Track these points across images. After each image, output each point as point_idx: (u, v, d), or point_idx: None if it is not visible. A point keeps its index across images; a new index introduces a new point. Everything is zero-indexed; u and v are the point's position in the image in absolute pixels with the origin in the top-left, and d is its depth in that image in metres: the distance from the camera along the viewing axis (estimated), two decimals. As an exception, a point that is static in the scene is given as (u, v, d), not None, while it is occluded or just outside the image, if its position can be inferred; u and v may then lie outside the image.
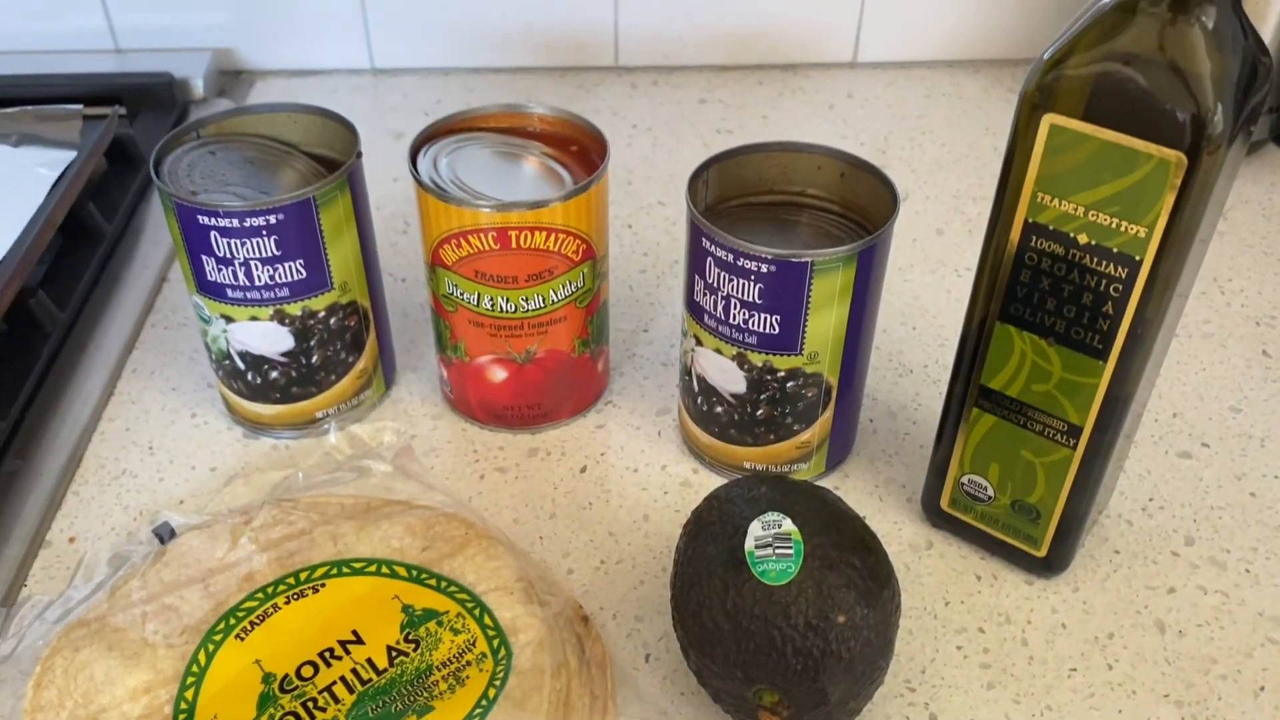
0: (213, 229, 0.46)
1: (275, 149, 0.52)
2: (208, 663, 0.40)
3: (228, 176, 0.49)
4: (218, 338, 0.50)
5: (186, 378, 0.57)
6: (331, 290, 0.49)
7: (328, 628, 0.41)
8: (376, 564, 0.43)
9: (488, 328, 0.50)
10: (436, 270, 0.49)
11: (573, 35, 0.83)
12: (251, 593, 0.42)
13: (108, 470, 0.52)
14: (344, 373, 0.52)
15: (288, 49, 0.83)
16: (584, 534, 0.49)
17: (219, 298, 0.48)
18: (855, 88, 0.84)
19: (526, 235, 0.47)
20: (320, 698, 0.38)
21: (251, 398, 0.52)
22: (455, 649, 0.40)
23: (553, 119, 0.51)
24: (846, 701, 0.38)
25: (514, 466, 0.52)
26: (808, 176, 0.50)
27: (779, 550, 0.38)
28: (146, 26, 0.82)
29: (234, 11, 0.81)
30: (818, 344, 0.46)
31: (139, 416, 0.54)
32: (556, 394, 0.53)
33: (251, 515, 0.45)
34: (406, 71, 0.84)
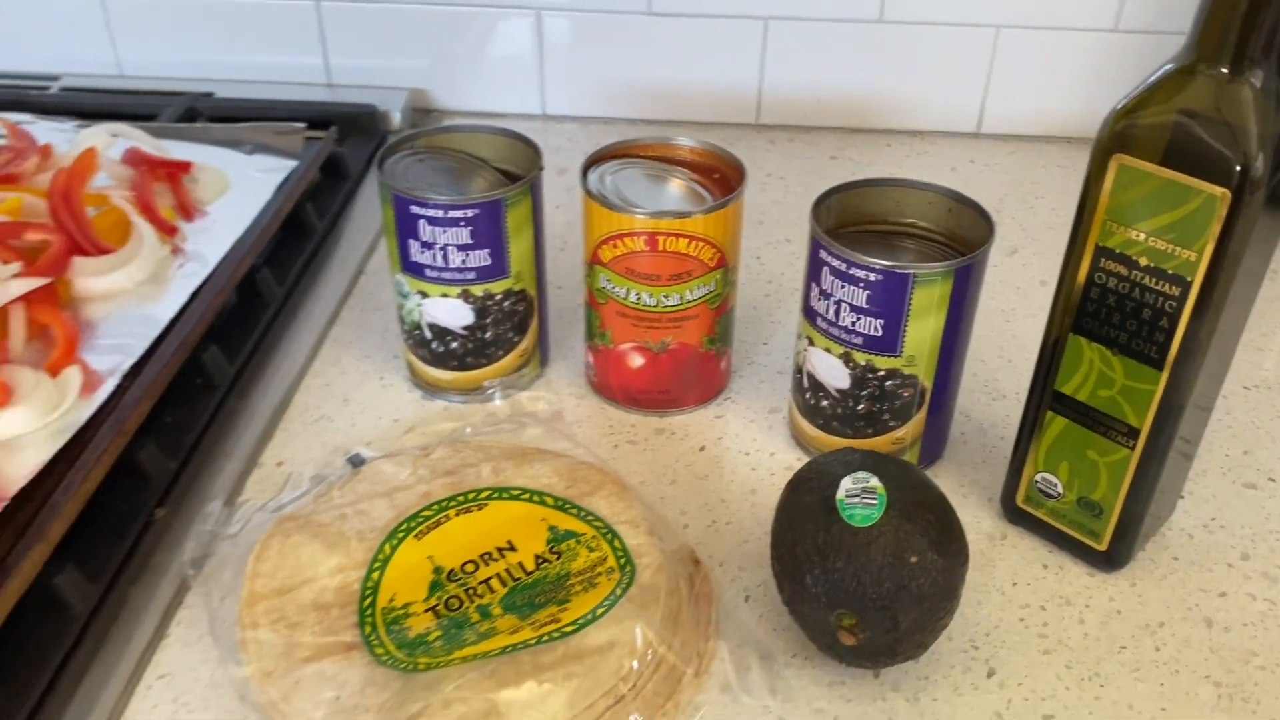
0: (422, 217, 0.56)
1: (470, 161, 0.63)
2: (391, 554, 0.49)
3: (432, 180, 0.60)
4: (412, 310, 0.60)
5: (376, 349, 0.67)
6: (508, 278, 0.59)
7: (487, 537, 0.50)
8: (529, 493, 0.52)
9: (631, 319, 0.59)
10: (594, 268, 0.59)
11: (720, 93, 0.94)
12: (427, 506, 0.51)
13: (310, 414, 0.62)
14: (509, 350, 0.62)
15: (472, 93, 0.96)
16: (699, 499, 0.57)
17: (418, 276, 0.59)
18: (977, 155, 0.91)
19: (671, 240, 0.56)
20: (479, 587, 0.47)
21: (432, 364, 0.62)
22: (589, 562, 0.48)
23: (699, 149, 0.61)
24: (914, 633, 0.44)
25: (643, 440, 0.61)
26: (918, 210, 0.57)
27: (865, 500, 0.45)
28: (355, 68, 0.95)
29: (430, 59, 0.94)
30: (915, 348, 0.53)
31: (337, 376, 0.65)
32: (684, 383, 0.61)
33: (430, 451, 0.55)
34: (571, 118, 0.96)
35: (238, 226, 0.71)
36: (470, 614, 0.46)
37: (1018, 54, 0.89)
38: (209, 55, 0.95)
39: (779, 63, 0.92)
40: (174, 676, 0.47)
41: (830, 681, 0.47)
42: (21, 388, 0.55)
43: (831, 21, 0.89)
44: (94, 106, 0.87)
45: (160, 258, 0.67)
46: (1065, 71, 0.90)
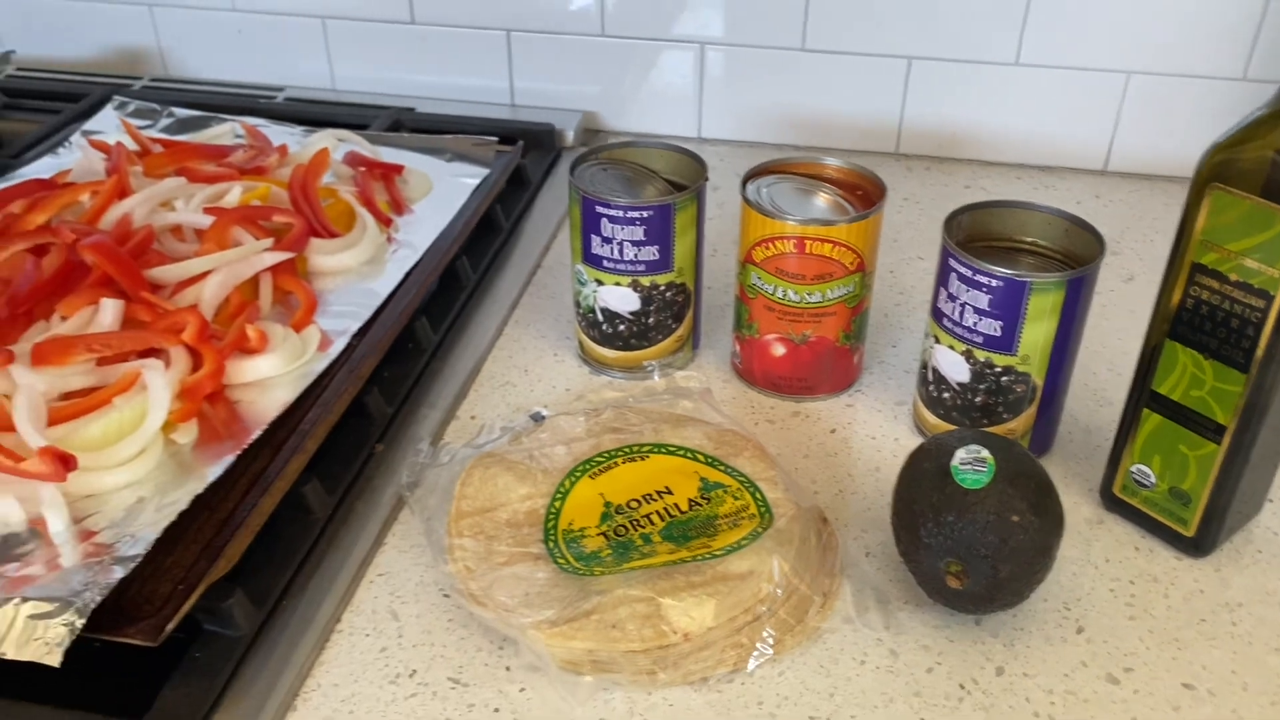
0: (604, 216, 0.67)
1: (644, 172, 0.73)
2: (570, 488, 0.59)
3: (613, 185, 0.71)
4: (588, 296, 0.71)
5: (551, 330, 0.78)
6: (672, 272, 0.69)
7: (648, 481, 0.59)
8: (684, 450, 0.61)
9: (777, 312, 0.68)
10: (747, 266, 0.68)
11: (863, 123, 1.02)
12: (599, 454, 0.61)
13: (496, 380, 0.73)
14: (668, 335, 0.72)
15: (636, 116, 1.07)
16: (828, 471, 0.65)
17: (597, 266, 0.69)
18: (1102, 190, 0.97)
19: (818, 244, 0.65)
20: (641, 520, 0.57)
21: (601, 343, 0.72)
22: (734, 508, 0.57)
23: (845, 169, 0.70)
24: (1011, 581, 0.52)
25: (780, 421, 0.69)
26: (1038, 230, 0.65)
27: (976, 468, 0.53)
28: (534, 90, 1.07)
29: (600, 86, 1.05)
30: (1029, 349, 0.61)
31: (519, 350, 0.76)
32: (820, 373, 0.70)
33: (600, 412, 0.65)
34: (723, 141, 1.05)
35: (440, 222, 0.83)
36: (635, 540, 0.56)
37: (1147, 99, 0.95)
38: (410, 74, 1.09)
39: (919, 98, 1.00)
40: (390, 575, 0.58)
41: (936, 624, 0.55)
42: (274, 339, 0.67)
43: (970, 63, 0.97)
44: (315, 114, 1.01)
45: (379, 243, 0.79)
46: (1191, 116, 0.95)
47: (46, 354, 0.62)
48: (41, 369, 0.62)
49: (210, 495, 0.57)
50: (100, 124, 0.96)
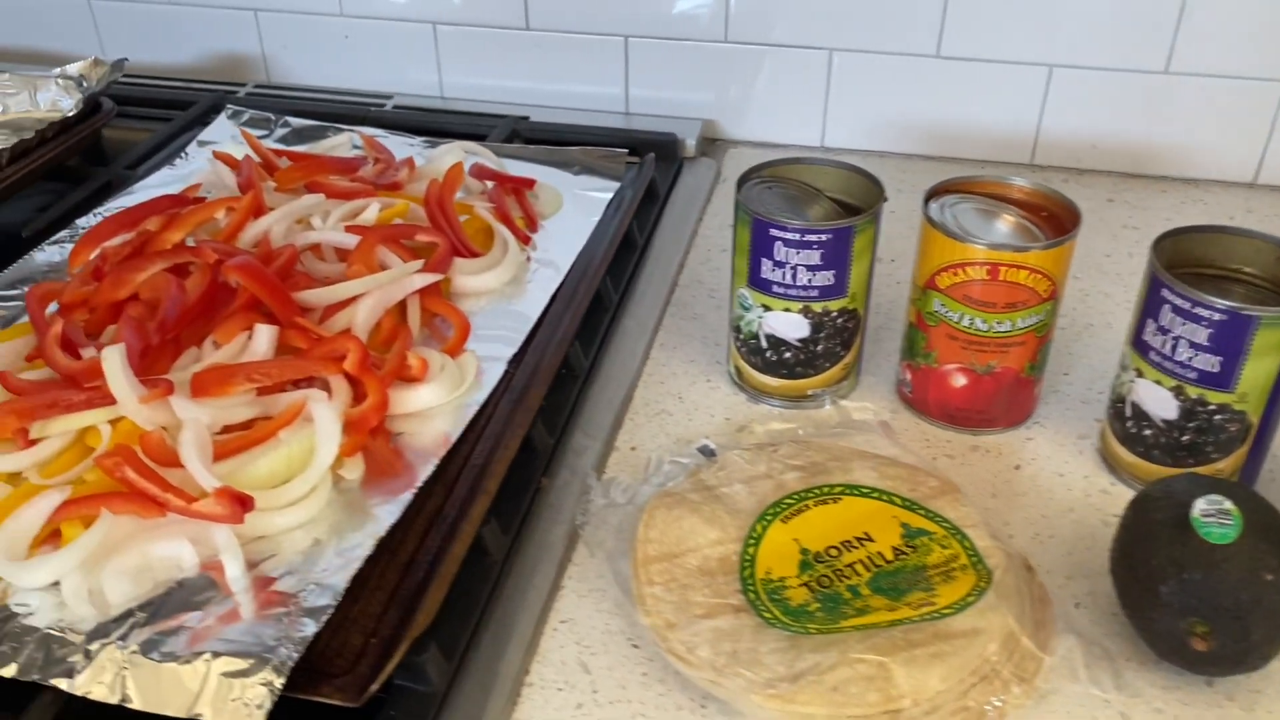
0: (779, 239, 0.63)
1: (808, 190, 0.69)
2: (762, 533, 0.56)
3: (777, 205, 0.67)
4: (752, 321, 0.67)
5: (700, 354, 0.75)
6: (845, 297, 0.65)
7: (845, 527, 0.56)
8: (878, 492, 0.58)
9: (961, 341, 0.64)
10: (928, 292, 0.64)
11: (996, 133, 0.98)
12: (785, 495, 0.58)
13: (651, 408, 0.70)
14: (835, 362, 0.68)
15: (755, 124, 1.03)
16: (1020, 513, 0.61)
17: (765, 291, 0.66)
18: (1254, 205, 0.93)
19: (1011, 271, 0.61)
20: (844, 570, 0.53)
21: (764, 371, 0.69)
22: (943, 558, 0.54)
23: (1032, 190, 0.66)
24: (1262, 645, 0.48)
25: (959, 456, 0.66)
26: (1246, 256, 0.61)
27: (1221, 521, 0.49)
28: (649, 98, 1.04)
29: (719, 93, 1.02)
30: (1249, 386, 0.57)
31: (669, 376, 0.73)
32: (1000, 405, 0.66)
33: (777, 447, 0.62)
34: (849, 151, 1.02)
35: (577, 239, 0.80)
36: (841, 592, 0.52)
37: (1309, 107, 0.91)
38: (520, 82, 1.06)
39: (1059, 107, 0.95)
40: (574, 623, 0.55)
41: (1166, 685, 0.51)
42: (432, 367, 0.64)
43: (1117, 71, 0.92)
44: (429, 124, 0.98)
45: (520, 263, 0.76)
46: (1359, 127, 0.91)
47: (207, 384, 0.59)
48: (202, 400, 0.59)
49: (388, 537, 0.54)
50: (215, 134, 0.94)
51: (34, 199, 0.89)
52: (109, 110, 0.94)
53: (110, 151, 0.96)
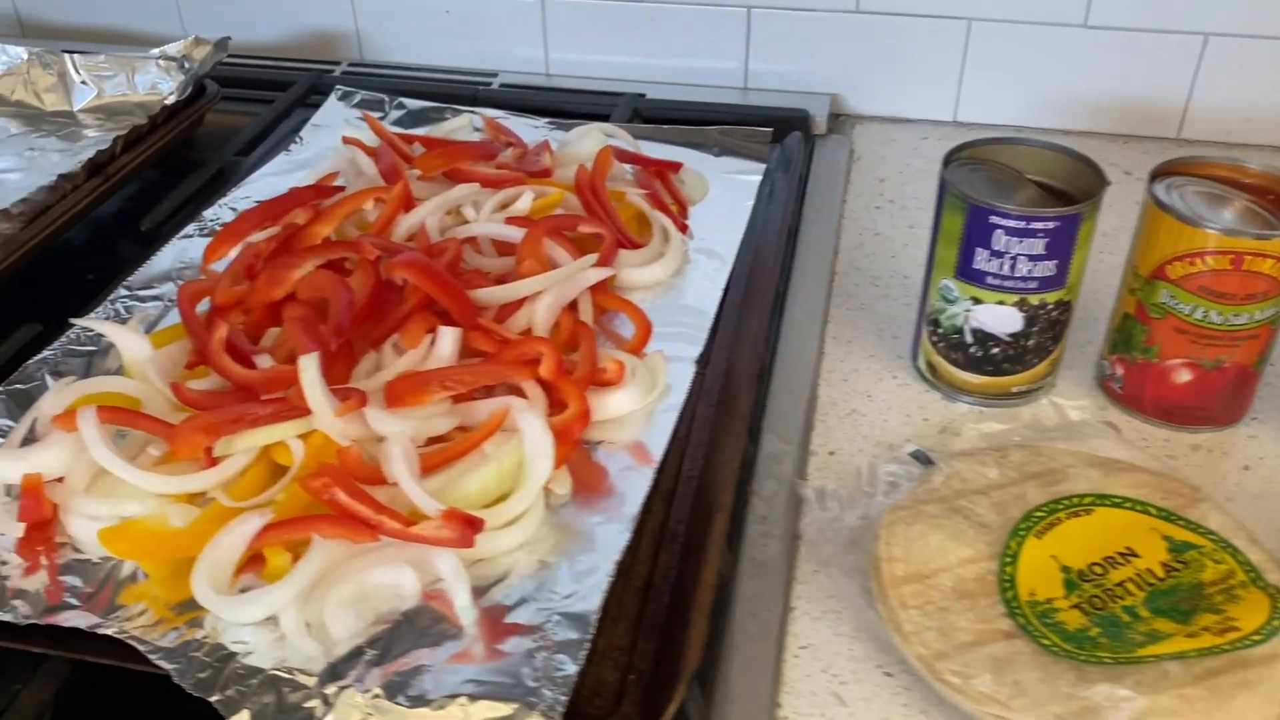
0: (1000, 227, 0.59)
1: (1009, 173, 0.65)
2: (1017, 551, 0.52)
3: (980, 189, 0.63)
4: (956, 315, 0.63)
5: (878, 348, 0.70)
6: (1063, 289, 0.61)
7: (1104, 541, 0.52)
8: (1131, 502, 0.54)
9: (1190, 335, 0.60)
10: (1154, 282, 0.60)
11: (1141, 107, 0.93)
12: (1034, 508, 0.54)
13: (839, 408, 0.66)
14: (1044, 358, 0.64)
15: (883, 98, 0.98)
16: (1264, 517, 0.57)
17: (976, 283, 0.61)
18: None
19: (1256, 260, 0.57)
20: (1116, 589, 0.49)
21: (965, 367, 0.64)
22: (1218, 575, 0.50)
23: (1265, 173, 0.61)
24: None
25: (1181, 456, 0.62)
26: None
27: None
28: (771, 73, 0.99)
29: (846, 67, 0.97)
30: None
31: (851, 373, 0.69)
32: (1224, 401, 0.62)
33: (1005, 453, 0.58)
34: (982, 126, 0.97)
35: (734, 225, 0.75)
36: (1118, 614, 0.48)
37: None
38: (631, 57, 1.00)
39: (1212, 78, 0.91)
40: (815, 648, 0.51)
41: None
42: (626, 370, 0.60)
43: (1279, 38, 0.88)
44: (545, 103, 0.94)
45: (683, 253, 0.72)
46: None
47: (401, 393, 0.55)
48: (397, 411, 0.55)
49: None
50: (327, 117, 0.89)
51: (142, 188, 0.84)
52: (214, 93, 0.89)
53: (212, 137, 0.91)
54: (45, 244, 0.72)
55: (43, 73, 0.93)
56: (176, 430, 0.52)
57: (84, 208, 0.75)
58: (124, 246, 0.79)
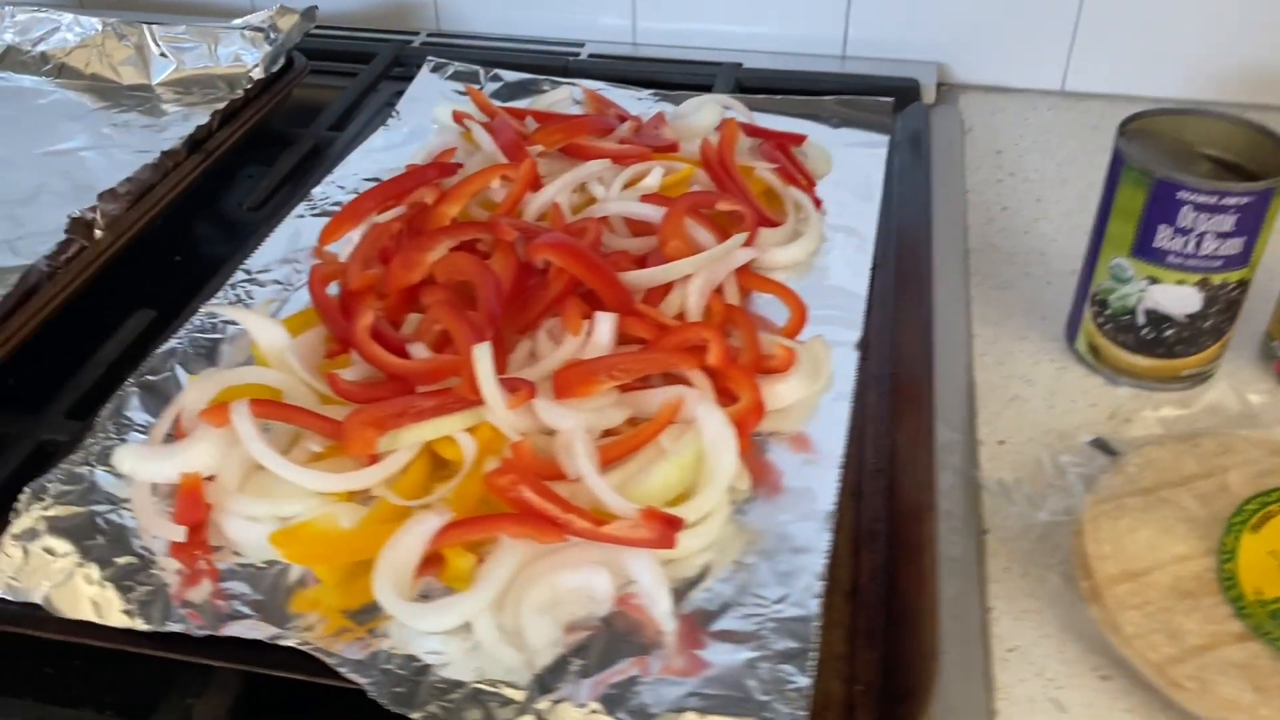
0: (1188, 203, 0.56)
1: (1179, 145, 0.61)
2: (1234, 546, 0.49)
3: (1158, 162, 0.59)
4: (1128, 295, 0.60)
5: (1029, 329, 0.67)
6: (1246, 267, 0.58)
7: (1327, 535, 0.49)
8: (1344, 495, 0.51)
9: (1382, 315, 0.57)
10: (1346, 261, 0.57)
11: (1265, 72, 0.90)
12: (1245, 501, 0.51)
13: (999, 394, 0.63)
14: (1217, 339, 0.61)
15: (986, 67, 0.95)
16: None
17: (1155, 261, 0.58)
18: None
19: None
20: (1348, 588, 0.47)
21: (1134, 349, 0.61)
22: None
23: None
24: None
25: (1367, 441, 0.59)
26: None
27: None
28: (869, 40, 0.95)
29: (949, 32, 0.93)
30: None
31: (1006, 356, 0.65)
32: None
33: (1196, 441, 0.55)
34: (1092, 96, 0.93)
35: (867, 201, 0.72)
36: (1357, 614, 0.46)
37: None
38: (722, 25, 0.97)
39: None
40: (1022, 651, 0.49)
41: None
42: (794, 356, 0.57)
43: None
44: (642, 73, 0.90)
45: (821, 231, 0.69)
46: None
47: (570, 384, 0.52)
48: (567, 403, 0.52)
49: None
50: (422, 90, 0.85)
51: (234, 166, 0.80)
52: (302, 66, 0.85)
53: (298, 111, 0.87)
54: (151, 225, 0.68)
55: (118, 44, 0.89)
56: (345, 427, 0.49)
57: (186, 186, 0.71)
58: (226, 226, 0.75)
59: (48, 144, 0.81)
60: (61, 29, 0.90)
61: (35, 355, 0.61)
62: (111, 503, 0.50)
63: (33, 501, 0.49)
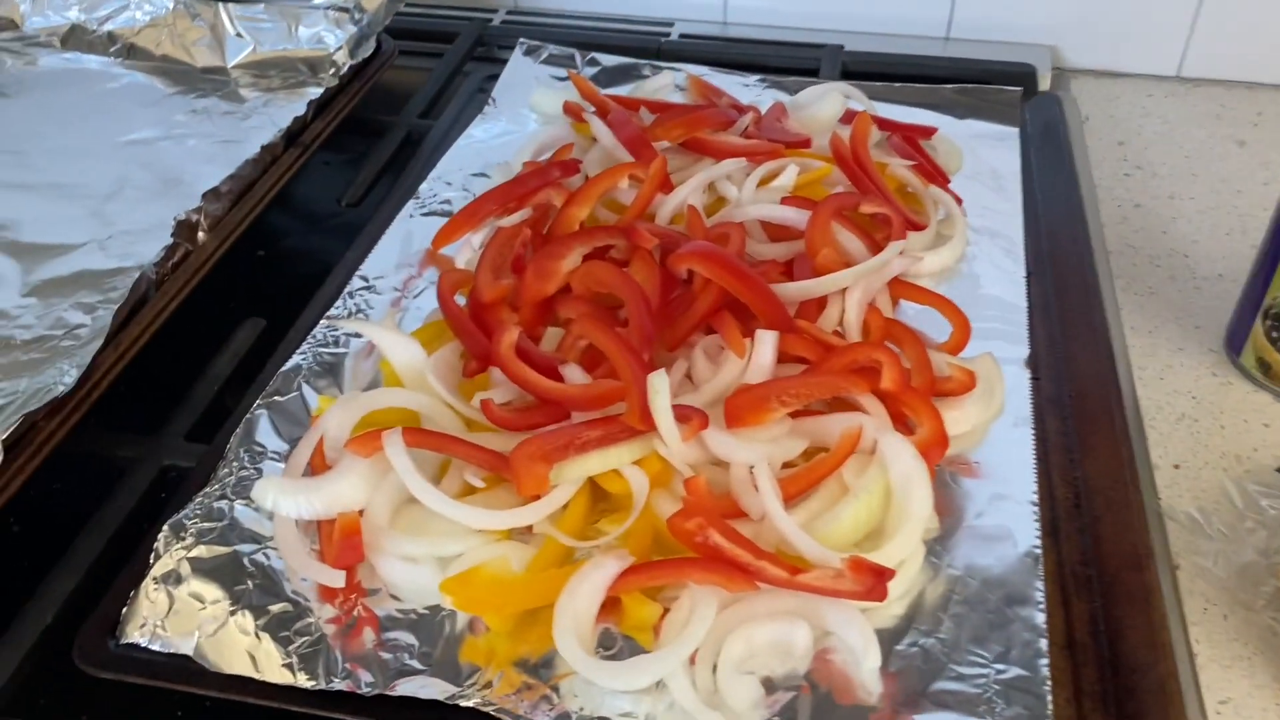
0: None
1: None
2: None
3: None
4: (1315, 310, 0.56)
5: (1186, 341, 0.63)
6: None
7: None
8: None
9: None
10: None
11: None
12: None
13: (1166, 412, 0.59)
14: (1404, 357, 0.57)
15: (1100, 51, 0.90)
16: None
17: (1349, 276, 0.55)
18: None
19: None
20: None
21: (1315, 367, 0.58)
22: None
23: None
24: None
25: None
26: None
27: None
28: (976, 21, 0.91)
29: (1059, 16, 0.89)
30: None
31: (1165, 371, 0.61)
32: None
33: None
34: (1210, 82, 0.89)
35: (1007, 200, 0.68)
36: None
37: None
38: (814, 4, 0.92)
39: None
40: (1236, 704, 0.45)
41: None
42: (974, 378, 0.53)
43: None
44: (737, 57, 0.85)
45: (966, 234, 0.65)
46: None
47: (742, 411, 0.48)
48: (739, 432, 0.48)
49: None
50: (515, 75, 0.81)
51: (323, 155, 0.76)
52: (390, 50, 0.80)
53: (382, 96, 0.83)
54: (254, 224, 0.64)
55: (190, 24, 0.84)
56: (514, 462, 0.45)
57: (284, 182, 0.67)
58: (323, 223, 0.71)
59: (124, 132, 0.77)
60: (130, 6, 0.85)
61: (143, 368, 0.57)
62: (255, 541, 0.46)
63: (172, 540, 0.46)
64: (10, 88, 0.82)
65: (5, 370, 0.56)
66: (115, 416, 0.55)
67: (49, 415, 0.50)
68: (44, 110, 0.80)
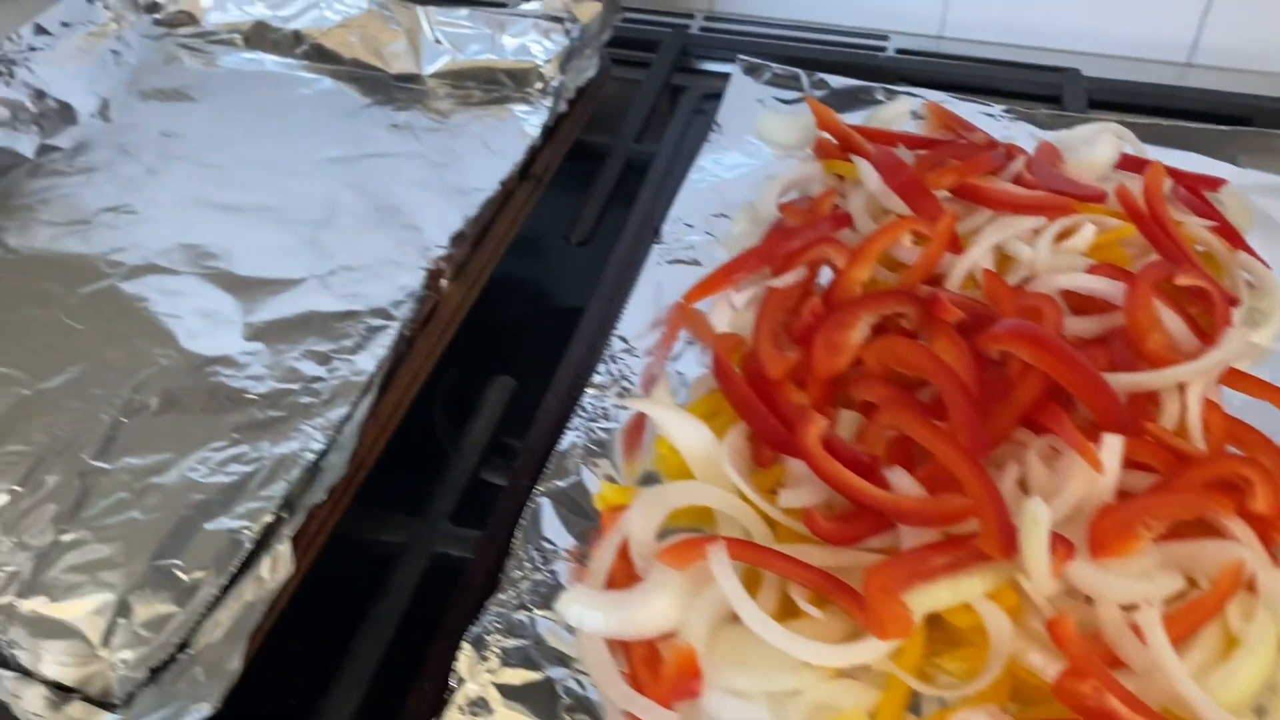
0: None
1: None
2: None
3: None
4: None
5: None
6: None
7: None
8: None
9: None
10: None
11: None
12: None
13: None
14: None
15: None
16: None
17: None
18: None
19: None
20: None
21: None
22: None
23: None
24: None
25: None
26: None
27: None
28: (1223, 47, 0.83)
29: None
30: None
31: None
32: None
33: None
34: None
35: None
36: None
37: None
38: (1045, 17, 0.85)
39: None
40: None
41: None
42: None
43: None
44: (965, 77, 0.79)
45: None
46: None
47: (1109, 538, 0.42)
48: (1108, 565, 0.42)
49: None
50: (736, 97, 0.74)
51: (533, 182, 0.71)
52: (606, 66, 0.75)
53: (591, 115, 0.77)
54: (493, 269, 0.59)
55: (384, 26, 0.79)
56: (870, 598, 0.40)
57: (520, 222, 0.62)
58: (554, 263, 0.66)
59: (322, 147, 0.71)
60: (320, 4, 0.80)
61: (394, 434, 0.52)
62: (563, 663, 0.42)
63: (475, 660, 0.41)
64: (194, 90, 0.78)
65: (244, 431, 0.51)
66: (368, 490, 0.50)
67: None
68: (232, 117, 0.75)
